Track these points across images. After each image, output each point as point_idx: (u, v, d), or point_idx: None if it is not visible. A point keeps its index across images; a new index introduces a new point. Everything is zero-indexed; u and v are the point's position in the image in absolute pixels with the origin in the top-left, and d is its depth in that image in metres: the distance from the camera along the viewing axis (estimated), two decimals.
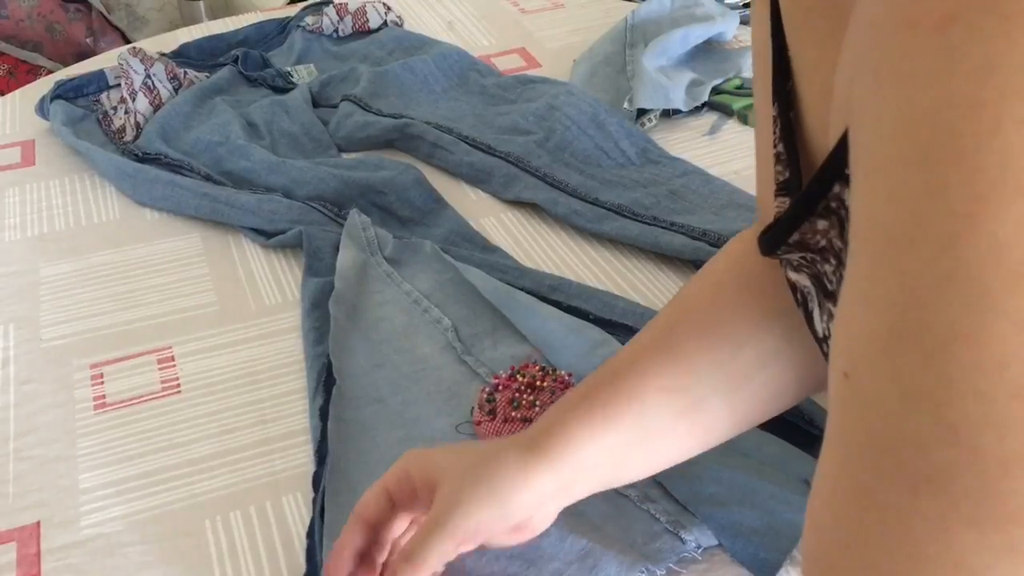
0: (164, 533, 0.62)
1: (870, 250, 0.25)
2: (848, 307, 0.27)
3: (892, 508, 0.26)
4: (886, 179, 0.24)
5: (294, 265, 0.86)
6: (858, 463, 0.27)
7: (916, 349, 0.24)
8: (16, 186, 0.97)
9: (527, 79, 1.10)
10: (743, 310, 0.52)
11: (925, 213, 0.23)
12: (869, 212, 0.25)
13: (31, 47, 1.94)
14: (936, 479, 0.24)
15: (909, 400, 0.24)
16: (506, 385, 0.65)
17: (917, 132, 0.22)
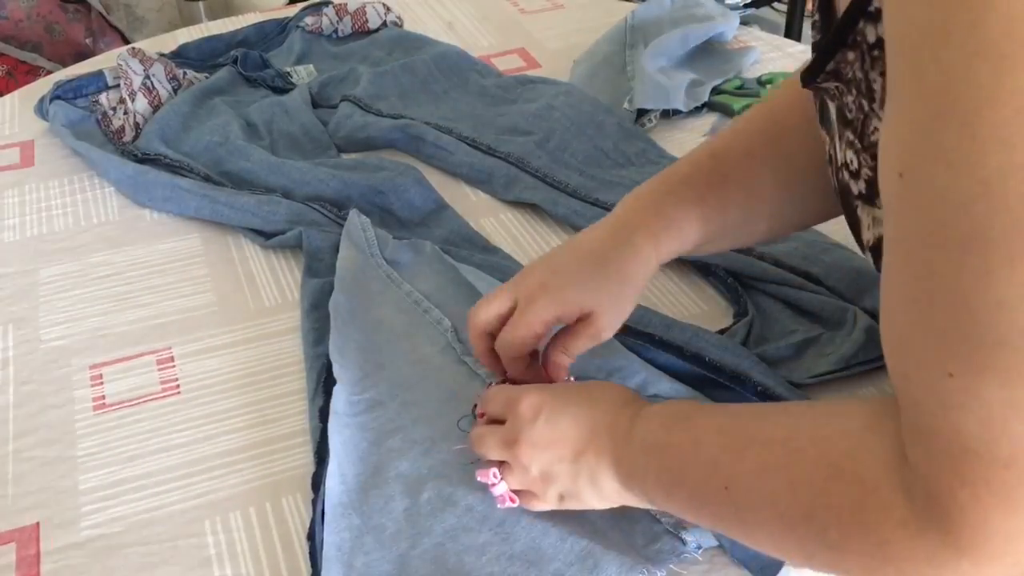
0: (164, 534, 0.62)
1: (909, 49, 0.30)
2: (893, 114, 0.32)
3: (945, 270, 0.31)
4: (912, 3, 0.29)
5: (293, 266, 0.86)
6: (915, 242, 0.32)
7: (953, 122, 0.29)
8: (15, 187, 0.97)
9: (527, 79, 1.10)
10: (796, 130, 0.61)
11: (952, 7, 0.28)
12: (904, 16, 0.30)
13: (30, 48, 1.94)
14: (975, 231, 0.29)
15: (950, 170, 0.29)
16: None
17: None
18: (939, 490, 0.34)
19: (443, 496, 0.60)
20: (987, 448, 0.33)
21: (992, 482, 0.33)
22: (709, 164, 0.64)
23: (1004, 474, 0.33)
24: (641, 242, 0.61)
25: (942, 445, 0.34)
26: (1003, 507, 0.33)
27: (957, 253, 0.31)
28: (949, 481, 0.34)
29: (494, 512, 0.59)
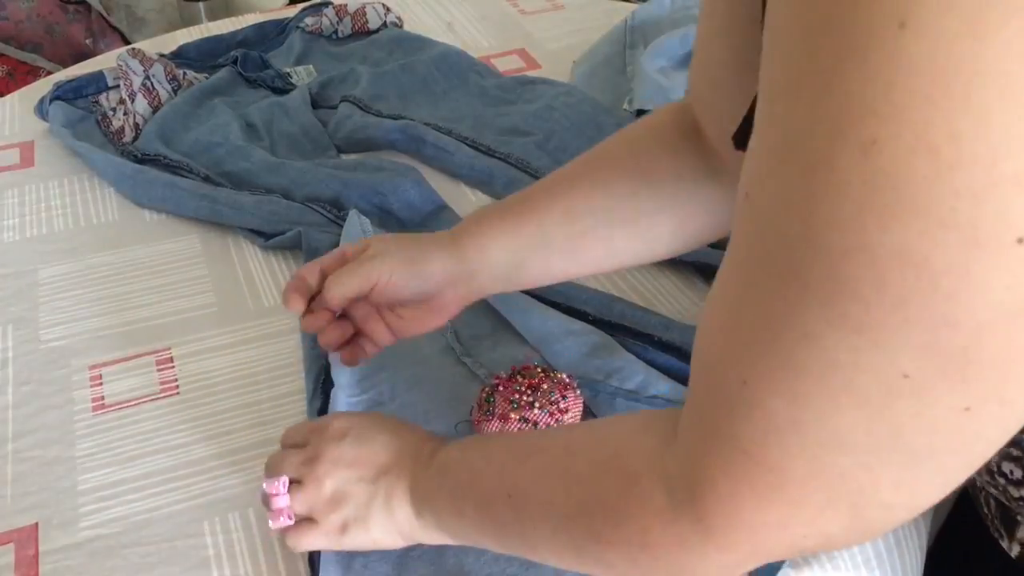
0: (162, 535, 0.62)
1: (769, 98, 0.32)
2: (754, 143, 0.33)
3: (764, 293, 0.33)
4: (780, 42, 0.31)
5: (293, 266, 0.86)
6: (744, 261, 0.34)
7: (793, 171, 0.30)
8: (15, 187, 0.97)
9: (527, 80, 1.10)
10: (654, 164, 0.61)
11: (804, 71, 0.29)
12: (769, 67, 0.31)
13: (30, 48, 1.94)
14: (796, 269, 0.31)
15: (785, 209, 0.31)
16: (506, 385, 0.65)
17: (799, 11, 0.29)
18: (702, 480, 0.37)
19: None
20: (759, 452, 0.35)
21: (754, 480, 0.35)
22: (539, 187, 0.64)
23: (767, 476, 0.35)
24: (445, 241, 0.63)
25: (718, 441, 0.36)
26: (756, 503, 0.35)
27: (776, 282, 0.32)
28: (714, 473, 0.36)
29: None
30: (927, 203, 0.27)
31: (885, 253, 0.28)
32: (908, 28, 0.26)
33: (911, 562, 0.61)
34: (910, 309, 0.29)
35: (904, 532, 0.61)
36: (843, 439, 0.33)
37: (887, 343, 0.30)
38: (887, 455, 0.33)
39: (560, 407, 0.63)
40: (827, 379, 0.32)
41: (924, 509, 0.36)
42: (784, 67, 0.30)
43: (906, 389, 0.31)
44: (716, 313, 0.37)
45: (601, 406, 0.66)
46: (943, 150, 0.26)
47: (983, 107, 0.26)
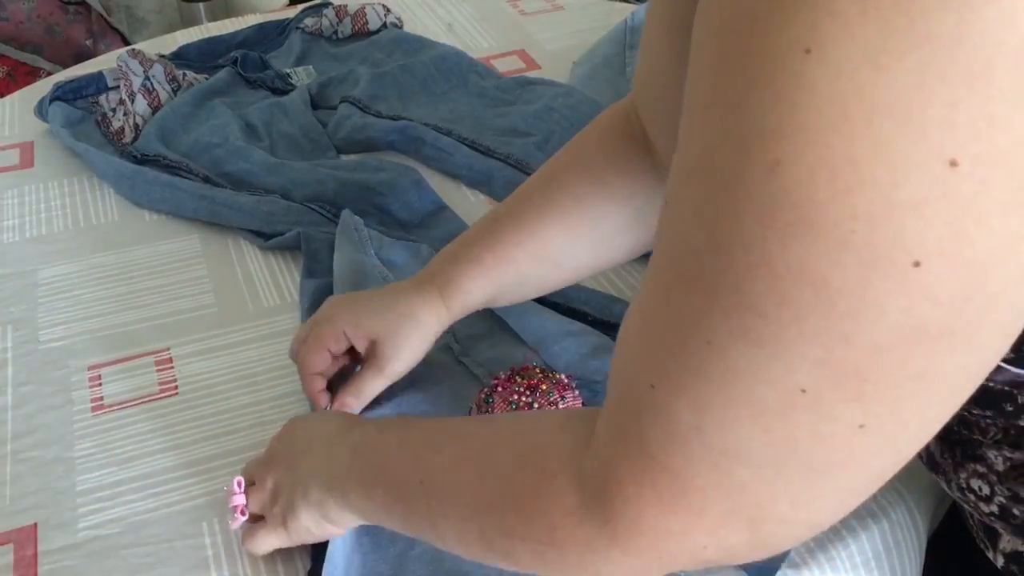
0: (162, 535, 0.62)
1: (687, 111, 0.32)
2: (676, 151, 0.34)
3: (672, 300, 0.34)
4: (699, 60, 0.32)
5: (292, 267, 0.86)
6: (658, 267, 0.35)
7: (703, 184, 0.31)
8: (15, 188, 0.97)
9: (526, 81, 1.10)
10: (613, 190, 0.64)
11: (718, 90, 0.30)
12: (690, 82, 0.32)
13: (31, 49, 1.94)
14: (703, 278, 0.32)
15: (695, 219, 0.32)
16: (505, 386, 0.65)
17: (717, 33, 0.30)
18: (610, 482, 0.37)
19: None
20: (663, 455, 0.35)
21: (658, 485, 0.36)
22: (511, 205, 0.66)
23: (671, 481, 0.35)
24: (427, 291, 0.65)
25: (626, 443, 0.37)
26: (659, 508, 0.36)
27: (684, 290, 0.33)
28: (621, 476, 0.37)
29: None
30: (826, 224, 0.28)
31: (785, 270, 0.29)
32: (813, 54, 0.27)
33: (910, 564, 0.61)
34: (807, 325, 0.30)
35: (903, 534, 0.61)
36: (742, 449, 0.33)
37: (785, 356, 0.31)
38: (784, 469, 0.33)
39: (559, 407, 0.63)
40: (728, 388, 0.32)
41: (824, 527, 0.36)
42: (702, 83, 0.31)
43: (803, 403, 0.31)
44: (633, 317, 0.38)
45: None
46: (842, 173, 0.27)
47: (882, 134, 0.26)
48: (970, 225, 0.27)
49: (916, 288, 0.28)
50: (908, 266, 0.28)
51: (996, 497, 0.50)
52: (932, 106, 0.26)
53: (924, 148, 0.26)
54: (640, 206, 0.64)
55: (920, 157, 0.26)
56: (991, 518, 0.51)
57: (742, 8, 0.29)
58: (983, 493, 0.51)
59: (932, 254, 0.28)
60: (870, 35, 0.26)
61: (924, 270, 0.28)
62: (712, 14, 0.30)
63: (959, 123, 0.26)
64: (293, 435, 0.60)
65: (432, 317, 0.65)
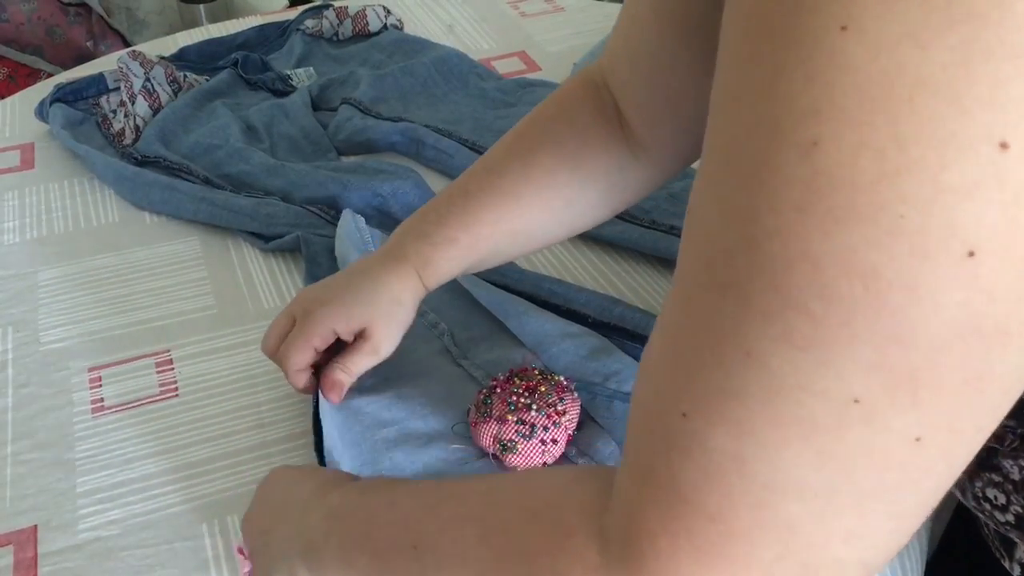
0: (162, 537, 0.62)
1: (714, 106, 0.31)
2: (700, 161, 0.32)
3: (702, 311, 0.31)
4: (726, 51, 0.30)
5: (292, 268, 0.86)
6: (684, 279, 0.32)
7: (733, 177, 0.29)
8: (15, 189, 0.97)
9: (527, 82, 1.10)
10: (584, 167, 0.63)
11: (747, 75, 0.28)
12: (717, 77, 0.31)
13: (31, 51, 1.95)
14: (736, 281, 0.29)
15: (723, 218, 0.30)
16: (503, 387, 0.65)
17: (745, 20, 0.29)
18: (639, 534, 0.33)
19: None
20: (699, 498, 0.31)
21: (694, 533, 0.32)
22: (482, 180, 0.66)
23: (708, 527, 0.31)
24: (407, 273, 0.64)
25: (656, 487, 0.33)
26: (697, 560, 0.32)
27: (715, 297, 0.30)
28: (652, 526, 0.33)
29: None
30: (873, 208, 0.26)
31: (830, 262, 0.27)
32: (849, 31, 0.25)
33: (911, 566, 0.61)
34: (857, 323, 0.27)
35: None
36: (791, 479, 0.30)
37: (835, 361, 0.28)
38: (837, 498, 0.30)
39: (558, 409, 0.63)
40: (772, 405, 0.29)
41: (877, 569, 0.33)
42: (728, 77, 0.30)
43: (856, 415, 0.28)
44: (657, 341, 0.34)
45: (599, 408, 0.66)
46: (888, 153, 0.25)
47: (928, 113, 0.25)
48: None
49: (971, 280, 0.26)
50: (963, 256, 0.26)
51: (1012, 507, 0.49)
52: (978, 85, 0.24)
53: (972, 129, 0.25)
54: (614, 179, 0.64)
55: (968, 138, 0.25)
56: (1007, 527, 0.51)
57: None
58: (999, 503, 0.50)
59: (986, 243, 0.25)
60: (910, 11, 0.24)
61: (979, 261, 0.26)
62: (737, 8, 0.29)
63: (1007, 103, 0.24)
64: (270, 495, 0.57)
65: (413, 297, 0.65)
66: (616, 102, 0.62)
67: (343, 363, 0.64)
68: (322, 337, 0.64)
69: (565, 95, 0.66)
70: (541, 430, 0.62)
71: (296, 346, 0.64)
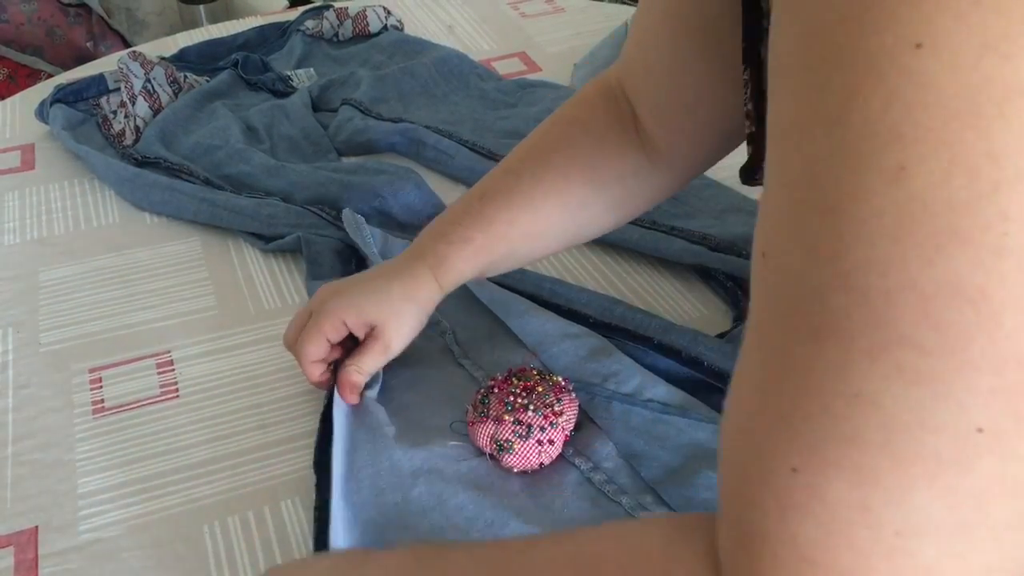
0: (162, 538, 0.62)
1: (779, 139, 0.30)
2: (765, 194, 0.31)
3: (799, 357, 0.29)
4: (786, 80, 0.29)
5: (293, 269, 0.86)
6: (770, 327, 0.31)
7: (815, 212, 0.28)
8: (16, 190, 0.97)
9: (527, 83, 1.10)
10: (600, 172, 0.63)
11: (816, 104, 0.27)
12: (777, 108, 0.30)
13: (31, 51, 1.94)
14: (834, 322, 0.28)
15: (810, 257, 0.28)
16: (501, 387, 0.65)
17: (802, 47, 0.28)
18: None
19: (434, 493, 0.60)
20: (826, 557, 0.29)
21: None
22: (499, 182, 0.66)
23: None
24: (421, 272, 0.65)
25: (773, 551, 0.30)
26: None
27: (812, 342, 0.29)
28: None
29: (484, 513, 0.59)
30: (974, 229, 0.25)
31: (935, 289, 0.26)
32: (925, 48, 0.25)
33: None
34: (973, 350, 0.26)
35: None
36: (923, 521, 0.28)
37: (953, 393, 0.27)
38: (974, 534, 0.28)
39: (555, 410, 0.63)
40: (892, 447, 0.28)
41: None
42: (794, 105, 0.28)
43: (983, 445, 0.27)
44: (745, 398, 0.32)
45: (597, 409, 0.66)
46: (983, 170, 0.25)
47: (1021, 124, 0.24)
48: None
49: None
50: None
51: None
52: None
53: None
54: (629, 184, 0.64)
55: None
56: None
57: (830, 15, 0.26)
58: None
59: None
60: (987, 22, 0.24)
61: None
62: (788, 32, 0.28)
63: None
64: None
65: (426, 296, 0.65)
66: (632, 108, 0.62)
67: (355, 362, 0.65)
68: (333, 328, 0.64)
69: (581, 100, 0.66)
70: (538, 430, 0.62)
71: (309, 337, 0.65)
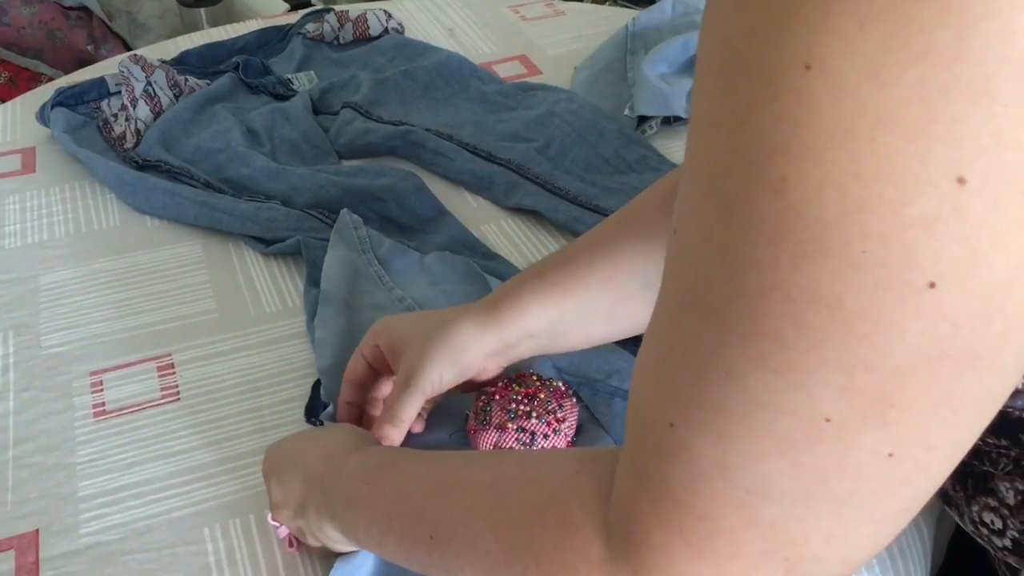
0: (163, 541, 0.62)
1: (695, 132, 0.32)
2: (682, 179, 0.33)
3: (686, 330, 0.33)
4: (704, 80, 0.31)
5: (294, 272, 0.86)
6: (670, 296, 0.34)
7: (712, 206, 0.30)
8: (16, 193, 0.97)
9: (528, 86, 1.10)
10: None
11: (723, 107, 0.29)
12: (695, 103, 0.32)
13: (32, 54, 1.95)
14: (718, 307, 0.31)
15: (705, 244, 0.31)
16: (502, 395, 0.65)
17: (720, 49, 0.29)
18: (636, 529, 0.36)
19: None
20: (688, 497, 0.34)
21: (685, 530, 0.34)
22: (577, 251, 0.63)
23: (698, 524, 0.34)
24: (476, 310, 0.62)
25: (649, 487, 0.35)
26: (690, 554, 0.34)
27: (698, 319, 0.32)
28: (647, 522, 0.35)
29: None
30: (837, 243, 0.27)
31: (799, 293, 0.28)
32: (813, 70, 0.26)
33: (915, 570, 0.61)
34: (826, 350, 0.29)
35: (908, 539, 0.61)
36: (770, 485, 0.32)
37: (806, 384, 0.30)
38: (815, 503, 0.32)
39: (557, 416, 0.63)
40: (750, 420, 0.31)
41: (860, 564, 0.35)
42: (706, 104, 0.31)
43: (828, 433, 0.30)
44: (647, 353, 0.36)
45: (599, 405, 0.66)
46: (850, 191, 0.26)
47: (887, 150, 0.26)
48: (984, 245, 0.26)
49: (933, 310, 0.27)
50: (923, 287, 0.27)
51: (1009, 531, 0.49)
52: (936, 122, 0.25)
53: (930, 165, 0.26)
54: None
55: (927, 174, 0.26)
56: (1004, 552, 0.51)
57: (742, 25, 0.28)
58: (996, 527, 0.50)
59: (947, 275, 0.27)
60: (870, 50, 0.25)
61: (940, 291, 0.27)
62: (713, 31, 0.30)
63: (964, 139, 0.25)
64: (275, 479, 0.59)
65: (467, 330, 0.61)
66: None
67: (387, 412, 0.61)
68: (368, 347, 0.65)
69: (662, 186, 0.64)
70: (541, 438, 0.62)
71: (351, 364, 0.66)
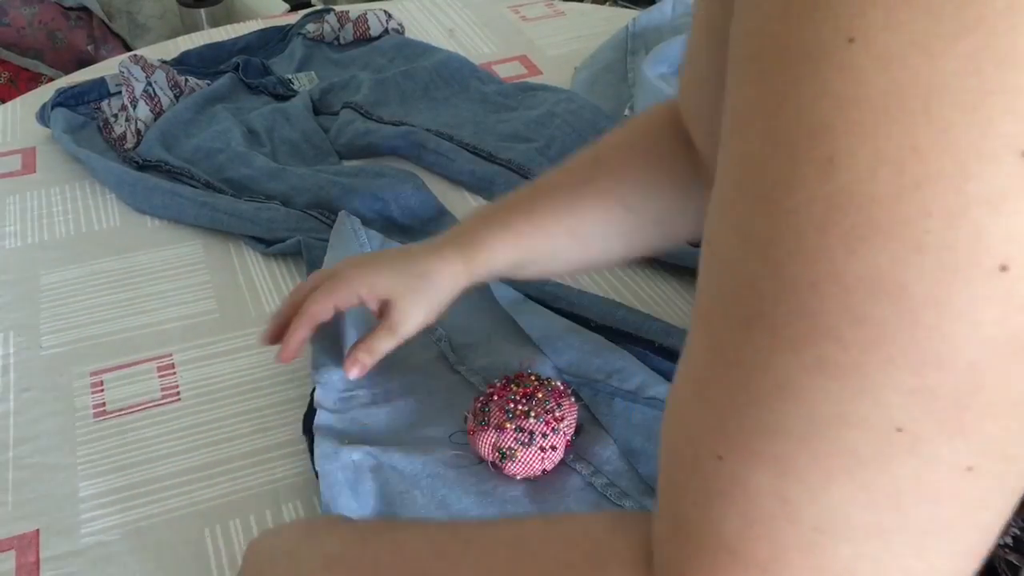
0: (163, 542, 0.62)
1: (724, 132, 0.30)
2: (715, 184, 0.31)
3: (730, 345, 0.29)
4: (735, 78, 0.29)
5: (295, 272, 0.86)
6: (709, 314, 0.31)
7: (750, 200, 0.28)
8: (16, 193, 0.97)
9: (528, 86, 1.10)
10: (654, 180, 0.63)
11: (757, 94, 0.28)
12: (728, 100, 0.30)
13: (32, 55, 1.95)
14: (763, 311, 0.28)
15: (744, 244, 0.28)
16: (500, 395, 0.65)
17: (750, 39, 0.28)
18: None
19: (437, 498, 0.60)
20: (745, 548, 0.29)
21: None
22: (552, 177, 0.65)
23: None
24: (449, 252, 0.63)
25: (697, 539, 0.31)
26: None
27: (740, 329, 0.29)
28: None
29: (489, 517, 0.59)
30: (897, 223, 0.25)
31: (856, 282, 0.26)
32: (857, 42, 0.25)
33: None
34: (892, 347, 0.26)
35: None
36: (840, 519, 0.28)
37: (872, 389, 0.26)
38: (892, 537, 0.28)
39: (556, 415, 0.63)
40: (812, 440, 0.28)
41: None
42: (738, 98, 0.29)
43: (901, 445, 0.27)
44: (681, 388, 0.32)
45: (599, 405, 0.66)
46: (907, 166, 0.25)
47: (945, 123, 0.24)
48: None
49: (1006, 295, 0.25)
50: (994, 270, 0.25)
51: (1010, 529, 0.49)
52: (994, 93, 0.23)
53: (992, 138, 0.24)
54: (681, 202, 0.62)
55: (989, 148, 0.24)
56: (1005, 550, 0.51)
57: (775, 7, 0.27)
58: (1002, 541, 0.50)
59: (1019, 256, 0.24)
60: (917, 21, 0.24)
61: (1013, 275, 0.25)
62: (742, 22, 0.29)
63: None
64: (255, 559, 0.52)
65: (447, 277, 0.63)
66: (687, 129, 0.61)
67: (367, 344, 0.64)
68: (345, 297, 0.64)
69: (649, 115, 0.66)
70: (540, 437, 0.62)
71: (318, 297, 0.65)
